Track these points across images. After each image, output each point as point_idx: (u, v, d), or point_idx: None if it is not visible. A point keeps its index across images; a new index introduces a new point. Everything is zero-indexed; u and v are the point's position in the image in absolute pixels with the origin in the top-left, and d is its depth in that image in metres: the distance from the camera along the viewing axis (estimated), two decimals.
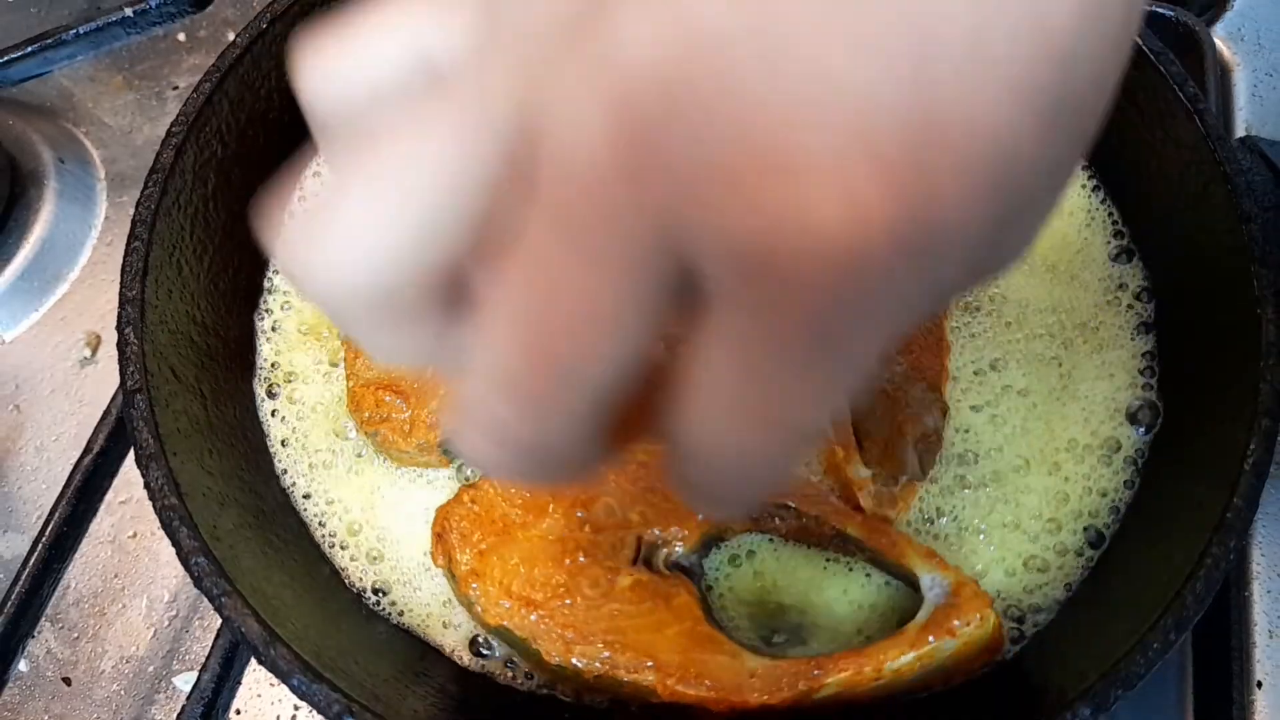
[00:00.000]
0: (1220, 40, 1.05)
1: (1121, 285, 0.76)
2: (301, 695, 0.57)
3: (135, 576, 0.89)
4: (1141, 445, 0.71)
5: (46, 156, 1.11)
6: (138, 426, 0.63)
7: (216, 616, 0.61)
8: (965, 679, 0.64)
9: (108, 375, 0.99)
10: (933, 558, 0.64)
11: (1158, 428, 0.71)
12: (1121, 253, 0.78)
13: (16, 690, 0.84)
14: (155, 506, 0.61)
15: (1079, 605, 0.67)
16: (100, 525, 0.88)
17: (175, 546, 0.60)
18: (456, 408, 0.35)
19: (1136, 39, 0.74)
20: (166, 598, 0.88)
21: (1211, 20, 1.07)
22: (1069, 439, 0.71)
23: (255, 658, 0.58)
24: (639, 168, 0.27)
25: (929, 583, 0.62)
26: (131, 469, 0.66)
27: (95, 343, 1.02)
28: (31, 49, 1.04)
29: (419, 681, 0.67)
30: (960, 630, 0.60)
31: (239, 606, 0.58)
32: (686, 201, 0.27)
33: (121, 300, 0.67)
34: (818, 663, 0.60)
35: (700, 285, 0.29)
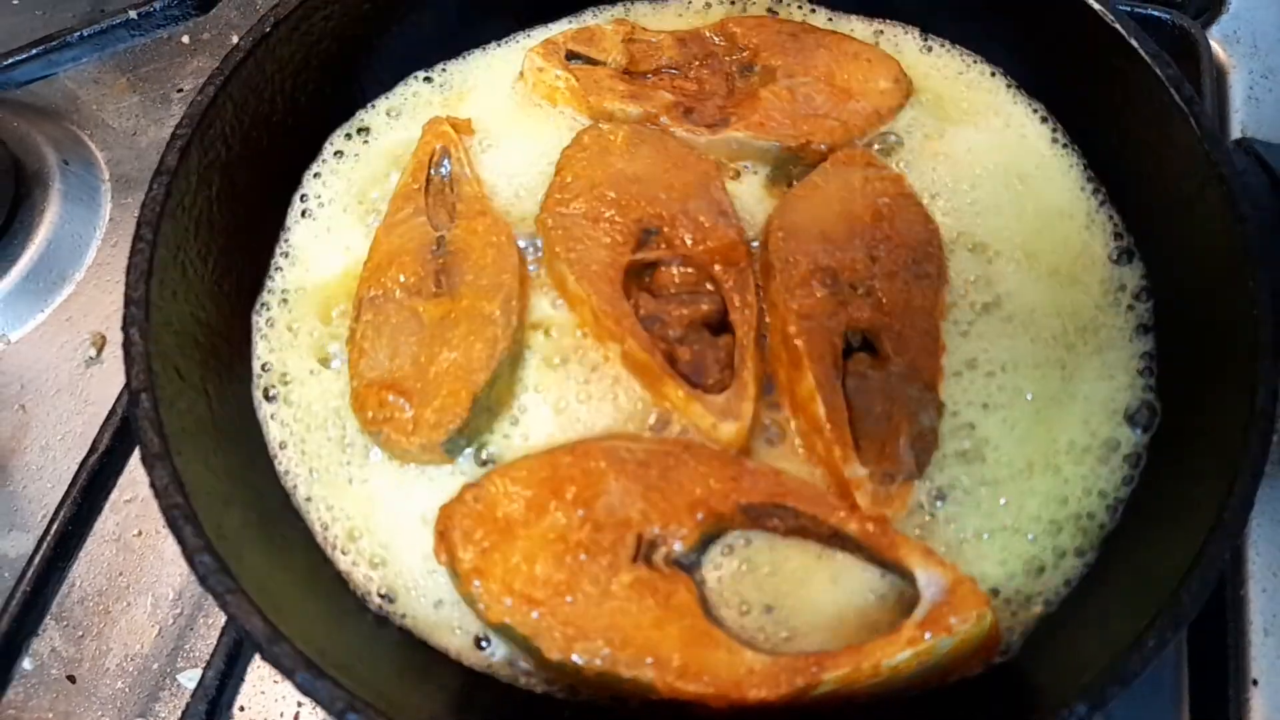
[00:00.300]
0: (1216, 43, 1.06)
1: (1121, 286, 0.77)
2: (305, 692, 0.57)
3: (140, 575, 0.90)
4: (1140, 446, 0.71)
5: (51, 158, 1.11)
6: (143, 426, 0.64)
7: (221, 614, 0.61)
8: (963, 676, 0.64)
9: (113, 375, 0.99)
10: (930, 556, 0.64)
11: (1155, 428, 0.71)
12: (1121, 254, 0.78)
13: (21, 688, 0.85)
14: (160, 505, 0.62)
15: (1076, 603, 0.67)
16: (105, 524, 0.89)
17: (180, 545, 0.61)
18: None
19: (1132, 41, 0.75)
20: (171, 596, 0.88)
21: (1208, 23, 1.08)
22: (1069, 440, 0.71)
23: (259, 655, 0.59)
24: None
25: (926, 580, 0.63)
26: (136, 468, 0.66)
27: (100, 343, 1.03)
28: (36, 51, 1.05)
29: (422, 680, 0.67)
30: (957, 628, 0.60)
31: (243, 604, 0.59)
32: None
33: (126, 301, 0.68)
34: (816, 659, 0.60)
35: None
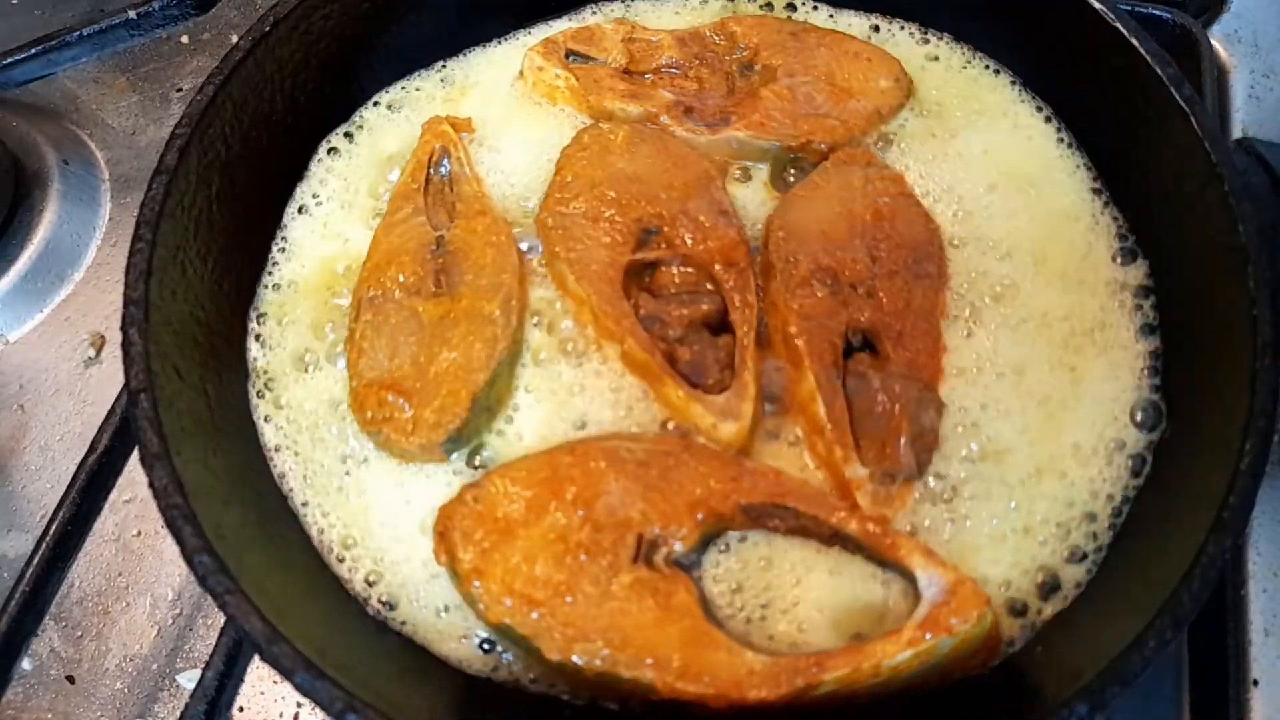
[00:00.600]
0: (1217, 42, 1.06)
1: (1125, 286, 0.77)
2: (304, 693, 0.57)
3: (139, 575, 0.89)
4: (1144, 446, 0.71)
5: (51, 158, 1.11)
6: (142, 426, 0.64)
7: (220, 615, 0.61)
8: (963, 676, 0.64)
9: (112, 375, 0.99)
10: (931, 556, 0.64)
11: (1160, 429, 0.71)
12: (1126, 254, 0.78)
13: (20, 688, 0.85)
14: (159, 506, 0.62)
15: (1076, 603, 0.67)
16: (104, 524, 0.89)
17: (179, 545, 0.61)
18: None
19: (1133, 40, 0.75)
20: (170, 596, 0.88)
21: (1208, 22, 1.08)
22: (1075, 443, 0.71)
23: (259, 655, 0.59)
24: None
25: (926, 581, 0.63)
26: (136, 468, 0.66)
27: (99, 343, 1.02)
28: (36, 51, 1.05)
29: (422, 680, 0.67)
30: (958, 628, 0.60)
31: (242, 605, 0.59)
32: None
33: (126, 301, 0.68)
34: (816, 660, 0.60)
35: None
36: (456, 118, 0.87)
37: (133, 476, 0.82)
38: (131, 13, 1.05)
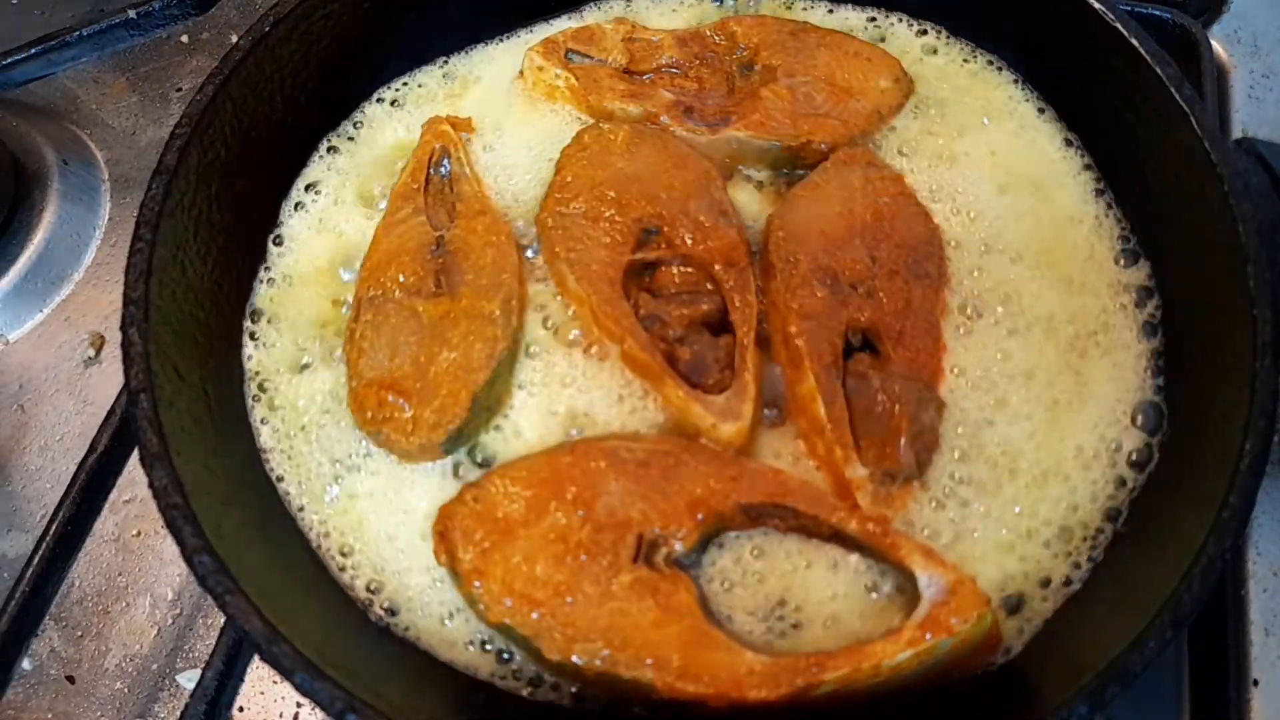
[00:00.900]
0: (1217, 42, 1.06)
1: (1128, 288, 0.76)
2: (304, 693, 0.57)
3: (139, 575, 0.89)
4: (1146, 448, 0.71)
5: (50, 158, 1.11)
6: (142, 426, 0.64)
7: (220, 615, 0.61)
8: (963, 676, 0.64)
9: (112, 375, 0.99)
10: (931, 556, 0.64)
11: (1161, 430, 0.71)
12: (1128, 256, 0.78)
13: (20, 688, 0.85)
14: (159, 506, 0.62)
15: (1076, 604, 0.67)
16: (104, 524, 0.89)
17: (179, 545, 0.61)
18: None
19: (1133, 40, 0.74)
20: (170, 596, 0.88)
21: (1208, 22, 1.08)
22: (1078, 445, 0.71)
23: (258, 655, 0.58)
24: None
25: (926, 581, 0.63)
26: (135, 468, 0.66)
27: (99, 343, 1.02)
28: (35, 51, 1.05)
29: (423, 680, 0.67)
30: (958, 628, 0.60)
31: (242, 605, 0.59)
32: None
33: (125, 300, 0.68)
34: (816, 660, 0.60)
35: None
36: (456, 117, 0.87)
37: (133, 476, 0.82)
38: (131, 12, 1.05)
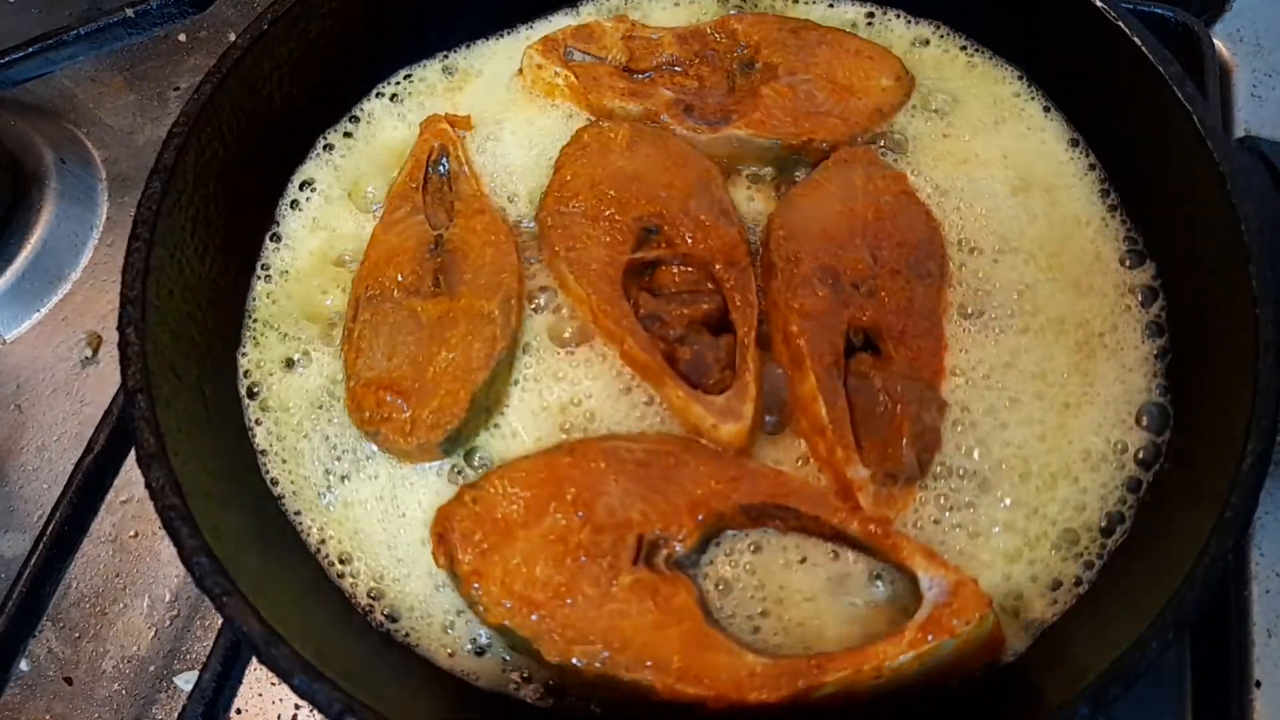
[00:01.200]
0: (1220, 41, 1.06)
1: (1133, 289, 0.76)
2: (302, 695, 0.57)
3: (136, 576, 0.89)
4: (1151, 448, 0.71)
5: (48, 157, 1.11)
6: (139, 426, 0.64)
7: (218, 616, 0.61)
8: (965, 677, 0.64)
9: (109, 375, 0.99)
10: (932, 557, 0.64)
11: (1165, 431, 0.71)
12: (1134, 257, 0.78)
13: (18, 689, 0.85)
14: (156, 506, 0.61)
15: (1078, 604, 0.67)
16: (101, 525, 0.89)
17: (177, 546, 0.60)
18: None
19: (1135, 38, 0.74)
20: (168, 597, 0.88)
21: (1211, 21, 1.07)
22: (1085, 447, 0.71)
23: (256, 657, 0.58)
24: None
25: (928, 582, 0.62)
26: (133, 469, 0.66)
27: (96, 343, 1.02)
28: (33, 50, 1.04)
29: (422, 682, 0.67)
30: (959, 629, 0.60)
31: (240, 606, 0.58)
32: None
33: (123, 300, 0.67)
34: (817, 661, 0.60)
35: None
36: (455, 115, 0.87)
37: (130, 477, 0.81)
38: (129, 11, 1.04)
